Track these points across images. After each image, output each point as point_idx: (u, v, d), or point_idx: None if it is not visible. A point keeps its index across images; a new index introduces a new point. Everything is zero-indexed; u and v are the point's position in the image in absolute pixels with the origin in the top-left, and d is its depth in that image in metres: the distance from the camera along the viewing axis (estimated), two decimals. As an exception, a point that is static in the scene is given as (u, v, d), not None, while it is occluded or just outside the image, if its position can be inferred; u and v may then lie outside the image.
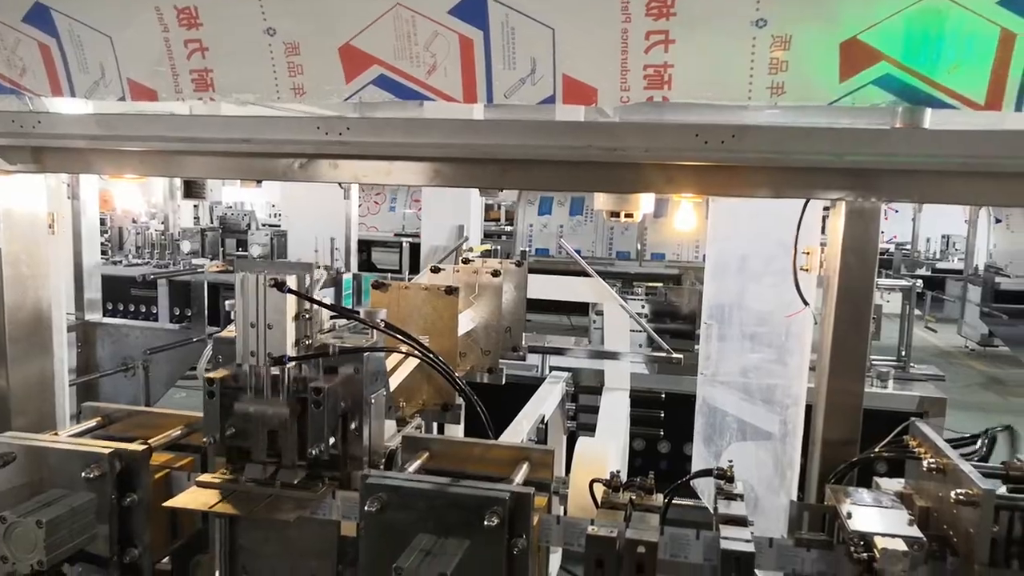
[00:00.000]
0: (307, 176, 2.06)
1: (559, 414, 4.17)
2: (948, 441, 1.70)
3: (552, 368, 4.47)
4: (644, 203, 2.11)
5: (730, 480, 1.90)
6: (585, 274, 4.50)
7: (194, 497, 1.79)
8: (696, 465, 3.59)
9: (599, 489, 1.94)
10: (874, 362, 5.44)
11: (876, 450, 1.86)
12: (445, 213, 7.99)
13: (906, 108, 1.78)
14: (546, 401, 3.76)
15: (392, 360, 2.53)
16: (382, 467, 1.95)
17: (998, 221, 12.20)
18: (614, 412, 4.06)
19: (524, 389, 3.93)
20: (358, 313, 1.99)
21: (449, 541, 1.61)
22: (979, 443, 1.77)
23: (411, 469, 1.83)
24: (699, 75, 1.80)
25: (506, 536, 1.61)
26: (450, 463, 1.91)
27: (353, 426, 1.88)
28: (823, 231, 2.26)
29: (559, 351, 4.58)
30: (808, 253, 2.19)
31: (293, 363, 1.80)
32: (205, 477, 1.83)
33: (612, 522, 1.68)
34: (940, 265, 15.14)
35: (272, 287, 1.77)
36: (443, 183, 1.98)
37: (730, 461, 1.96)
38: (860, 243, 1.91)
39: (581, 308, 9.08)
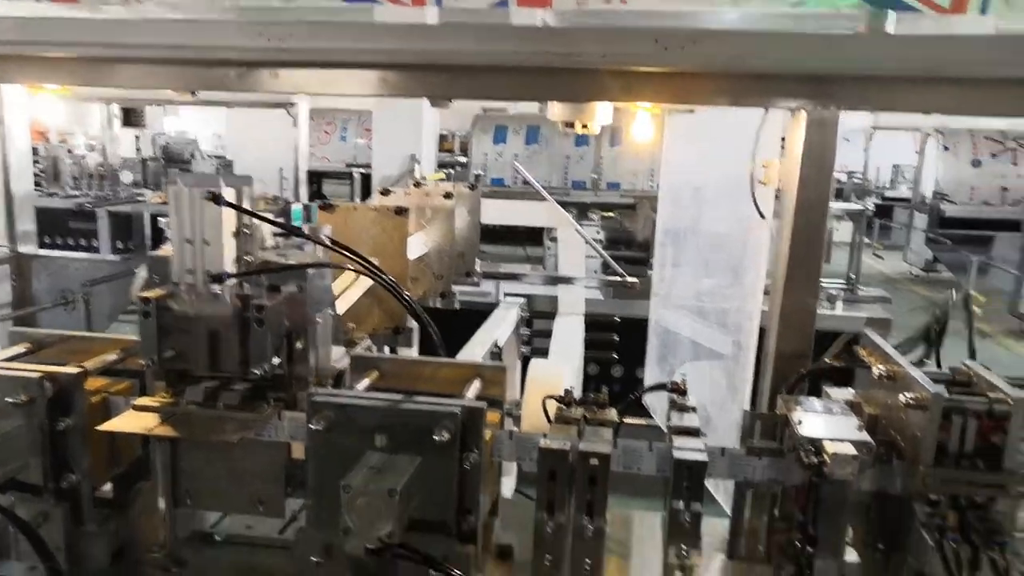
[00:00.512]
0: (246, 86, 1.94)
1: (513, 339, 4.16)
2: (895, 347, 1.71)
3: (507, 294, 4.44)
4: (600, 113, 2.04)
5: (683, 393, 1.90)
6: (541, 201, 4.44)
7: (132, 420, 1.72)
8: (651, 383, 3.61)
9: (552, 406, 1.92)
10: (824, 285, 5.54)
11: (826, 359, 1.86)
12: (397, 142, 7.77)
13: (870, 12, 1.73)
14: (500, 326, 3.74)
15: (340, 284, 2.46)
16: (330, 387, 1.90)
17: (946, 149, 12.39)
18: (568, 336, 4.06)
19: (478, 315, 3.89)
20: (301, 230, 1.90)
21: (399, 458, 1.58)
22: (931, 338, 1.77)
23: (360, 388, 1.79)
24: (658, -24, 1.72)
25: (458, 451, 1.58)
26: (400, 382, 1.86)
27: (299, 346, 1.82)
28: (782, 145, 2.23)
29: (514, 276, 4.55)
30: (767, 166, 2.16)
31: (233, 281, 1.72)
32: (143, 400, 1.76)
33: (565, 436, 1.66)
34: (889, 194, 15.42)
35: (208, 200, 1.67)
36: (391, 92, 1.89)
37: (683, 374, 1.96)
38: (818, 153, 1.88)
39: (536, 238, 9.03)
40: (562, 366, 3.17)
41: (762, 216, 2.33)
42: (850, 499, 1.50)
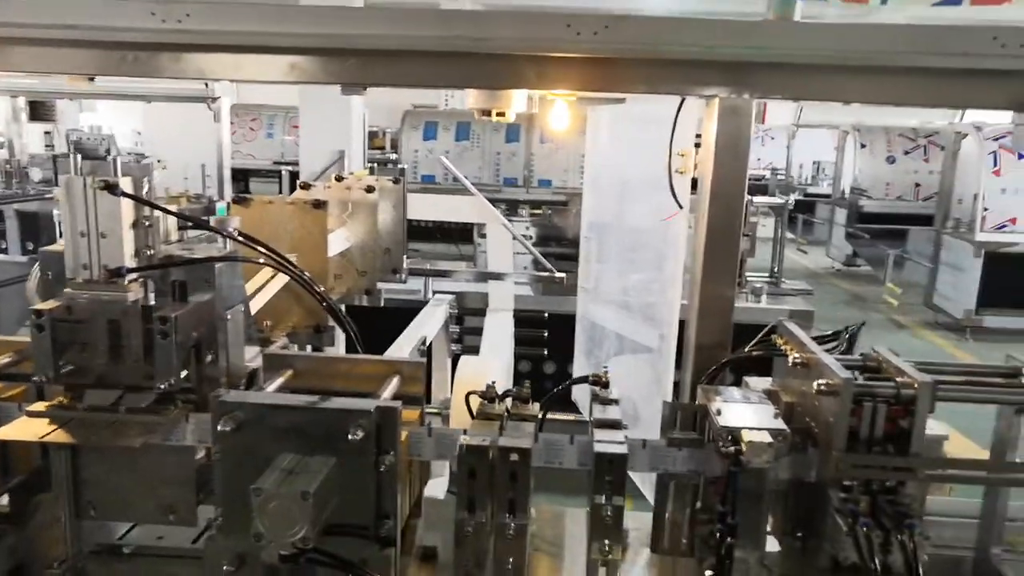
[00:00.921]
0: (145, 71, 1.85)
1: (443, 336, 4.10)
2: (812, 339, 1.73)
3: (436, 292, 4.38)
4: (516, 100, 2.02)
5: (605, 386, 1.89)
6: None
7: (24, 427, 1.61)
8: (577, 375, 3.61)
9: (475, 402, 1.88)
10: (748, 278, 5.65)
11: (745, 349, 1.88)
12: (325, 138, 7.61)
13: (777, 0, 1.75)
14: (428, 323, 3.67)
15: (256, 281, 2.37)
16: (242, 388, 1.82)
17: (863, 146, 12.83)
18: (498, 333, 4.03)
19: (406, 313, 3.81)
20: (207, 221, 1.82)
21: (313, 460, 1.52)
22: (840, 339, 1.80)
23: (272, 388, 1.72)
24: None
25: (373, 452, 1.53)
26: (316, 381, 1.80)
27: (209, 354, 1.74)
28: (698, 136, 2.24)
29: (442, 274, 4.50)
30: (683, 155, 2.16)
31: (134, 277, 1.63)
32: (37, 406, 1.65)
33: (485, 431, 1.63)
34: (811, 190, 15.90)
35: (103, 190, 1.58)
36: (300, 78, 1.82)
37: (605, 367, 1.95)
38: (732, 140, 1.89)
39: (469, 237, 8.99)
40: (491, 363, 3.15)
41: (680, 206, 2.34)
42: (768, 487, 1.51)
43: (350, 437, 1.48)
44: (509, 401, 1.85)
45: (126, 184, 1.59)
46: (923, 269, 10.03)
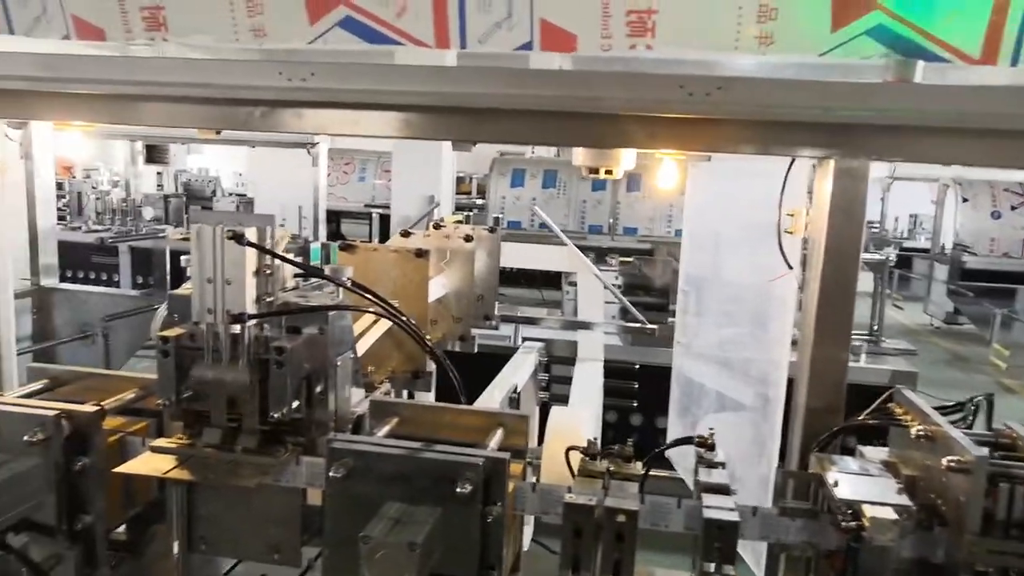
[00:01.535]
0: (269, 125, 1.94)
1: (532, 385, 4.11)
2: (934, 408, 1.65)
3: (525, 339, 4.40)
4: (625, 159, 2.02)
5: (711, 448, 1.84)
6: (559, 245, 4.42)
7: (148, 463, 1.68)
8: (671, 437, 3.55)
9: (575, 457, 1.86)
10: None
11: (861, 417, 1.80)
12: (416, 183, 7.82)
13: (898, 62, 1.71)
14: (519, 371, 3.69)
15: (360, 325, 2.43)
16: (349, 432, 1.86)
17: (965, 200, 12.32)
18: (587, 383, 4.00)
19: (496, 359, 3.85)
20: (323, 271, 1.89)
21: (419, 509, 1.53)
22: (966, 410, 1.71)
23: (380, 434, 1.74)
24: (683, 22, 1.72)
25: (480, 504, 1.53)
26: (420, 429, 1.82)
27: (318, 389, 1.79)
28: (809, 194, 2.20)
29: (532, 321, 4.52)
30: (793, 215, 2.12)
31: (253, 322, 1.70)
32: (160, 442, 1.73)
33: (590, 490, 1.61)
34: (907, 244, 15.31)
35: (231, 239, 1.65)
36: (413, 134, 1.88)
37: (711, 428, 1.90)
38: (848, 202, 1.84)
39: (554, 282, 9.00)
40: (582, 414, 3.13)
41: (789, 267, 2.29)
42: (890, 566, 1.43)
43: (458, 490, 1.48)
44: (608, 460, 1.83)
45: (251, 234, 1.66)
46: (1034, 330, 9.47)
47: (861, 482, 1.52)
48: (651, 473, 1.90)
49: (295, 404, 1.71)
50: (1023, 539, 1.37)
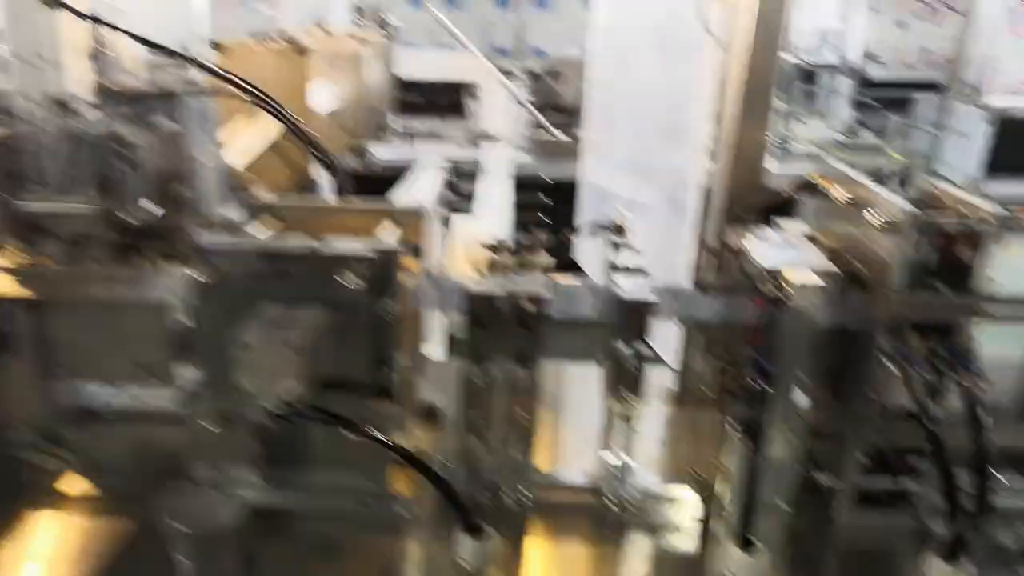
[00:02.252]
0: None
1: (436, 203, 3.91)
2: (859, 177, 1.55)
3: (427, 156, 4.14)
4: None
5: (623, 232, 1.72)
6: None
7: (-21, 283, 1.44)
8: (583, 253, 3.44)
9: (480, 255, 1.72)
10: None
11: (786, 189, 1.69)
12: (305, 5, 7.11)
13: None
14: (420, 188, 3.46)
15: (239, 137, 2.17)
16: (222, 237, 1.64)
17: (872, 11, 12.22)
18: (495, 199, 3.83)
19: (395, 179, 3.60)
20: (175, 50, 1.59)
21: (304, 311, 1.36)
22: (887, 172, 1.62)
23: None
24: None
25: (370, 301, 1.37)
26: (305, 230, 1.62)
27: (179, 189, 1.55)
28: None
29: (435, 136, 4.24)
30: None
31: (94, 112, 1.43)
32: (-10, 259, 1.48)
33: (495, 281, 1.46)
34: (814, 59, 15.29)
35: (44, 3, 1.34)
36: None
37: (624, 213, 1.77)
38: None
39: (459, 109, 8.60)
40: (488, 224, 2.97)
41: (716, 40, 2.11)
42: (810, 336, 1.37)
43: (345, 286, 1.31)
44: (516, 256, 1.70)
45: (70, -4, 1.35)
46: (931, 137, 9.74)
47: (782, 250, 1.43)
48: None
49: (154, 208, 1.47)
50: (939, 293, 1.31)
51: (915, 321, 1.32)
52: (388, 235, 1.54)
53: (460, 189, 4.25)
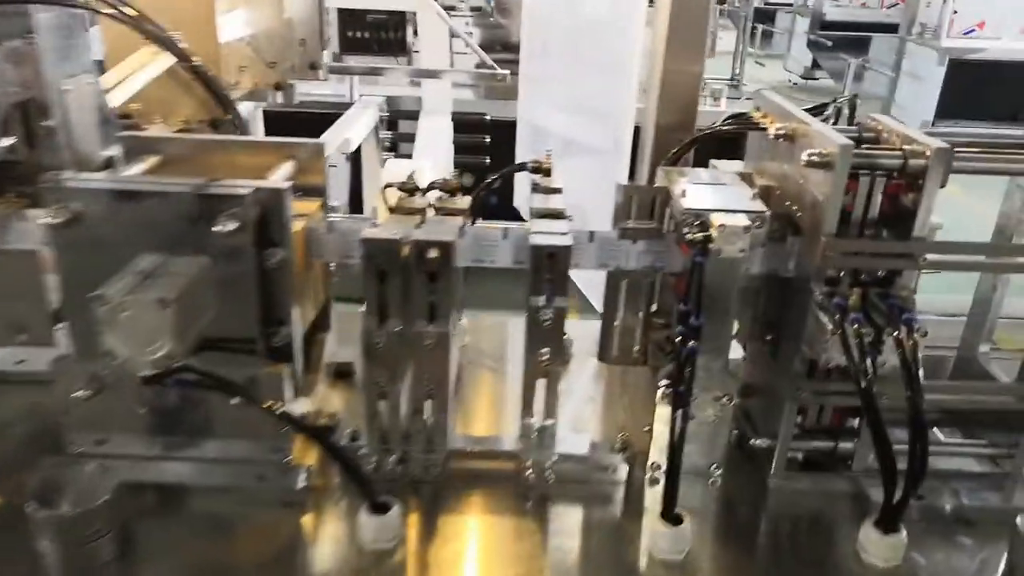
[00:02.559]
0: None
1: (373, 143, 3.71)
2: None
3: (363, 95, 3.93)
4: None
5: (547, 173, 1.59)
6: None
7: None
8: (519, 191, 3.30)
9: (392, 195, 1.57)
10: (707, 81, 5.29)
11: (716, 124, 1.57)
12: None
13: None
14: (353, 126, 3.26)
15: (128, 66, 1.97)
16: (97, 179, 1.47)
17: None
18: (434, 137, 3.66)
19: (330, 120, 3.39)
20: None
21: (180, 260, 1.21)
22: (830, 109, 1.51)
23: (131, 173, 1.37)
24: None
25: (253, 248, 1.23)
26: (191, 169, 1.46)
27: (42, 123, 1.37)
28: None
29: (373, 71, 4.02)
30: None
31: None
32: None
33: (399, 226, 1.33)
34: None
35: None
36: None
37: (548, 151, 1.64)
38: None
39: (399, 46, 8.25)
40: (421, 164, 2.80)
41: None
42: (738, 283, 1.26)
43: (217, 228, 1.16)
44: (434, 195, 1.56)
45: None
46: (885, 79, 9.70)
47: (711, 191, 1.31)
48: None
49: (4, 142, 1.30)
50: (878, 238, 1.21)
51: (851, 268, 1.22)
52: (280, 174, 1.39)
53: (396, 129, 4.07)
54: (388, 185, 1.67)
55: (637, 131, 2.16)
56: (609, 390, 1.73)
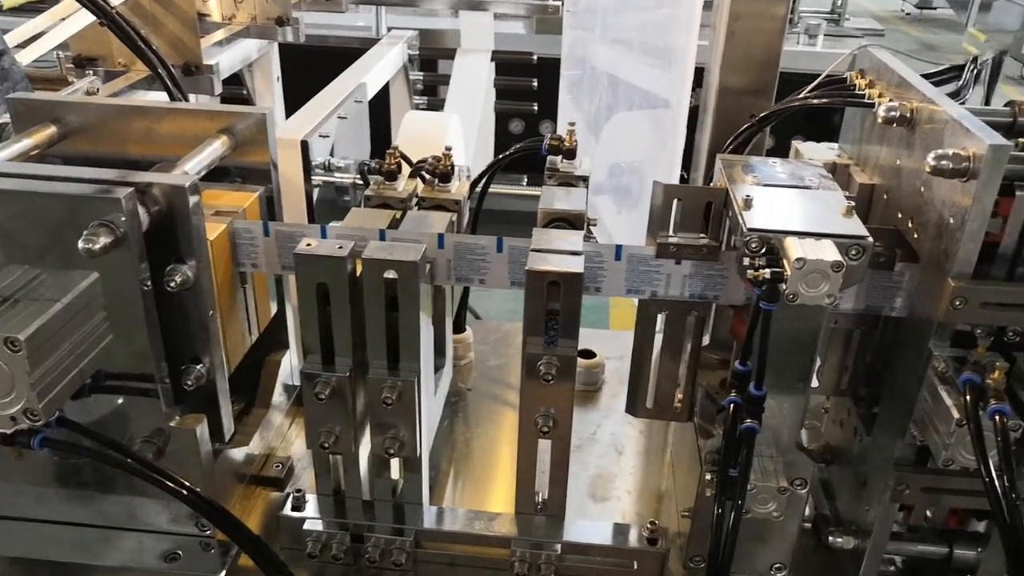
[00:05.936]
0: None
1: (403, 87, 3.42)
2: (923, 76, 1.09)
3: (391, 29, 3.60)
4: None
5: (570, 155, 1.28)
6: None
7: None
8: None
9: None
10: (802, 15, 4.80)
11: (800, 95, 1.22)
12: None
13: None
14: (375, 68, 2.96)
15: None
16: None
17: None
18: (470, 81, 3.33)
19: (352, 56, 3.09)
20: None
21: (63, 275, 0.96)
22: (964, 77, 1.15)
23: (6, 154, 1.11)
24: None
25: (143, 267, 0.96)
26: (101, 144, 1.20)
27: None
28: None
29: (406, 3, 3.69)
30: None
31: None
32: None
33: (362, 229, 1.05)
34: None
35: None
36: None
37: (571, 124, 1.32)
38: None
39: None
40: (447, 119, 2.50)
41: None
42: (823, 331, 0.94)
43: (84, 245, 0.90)
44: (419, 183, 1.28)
45: None
46: (1017, 11, 8.86)
47: (788, 199, 0.99)
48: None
49: None
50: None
51: (994, 326, 0.88)
52: (198, 160, 1.11)
53: (434, 70, 3.75)
54: (364, 163, 1.40)
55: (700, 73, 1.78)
56: (649, 436, 1.42)
